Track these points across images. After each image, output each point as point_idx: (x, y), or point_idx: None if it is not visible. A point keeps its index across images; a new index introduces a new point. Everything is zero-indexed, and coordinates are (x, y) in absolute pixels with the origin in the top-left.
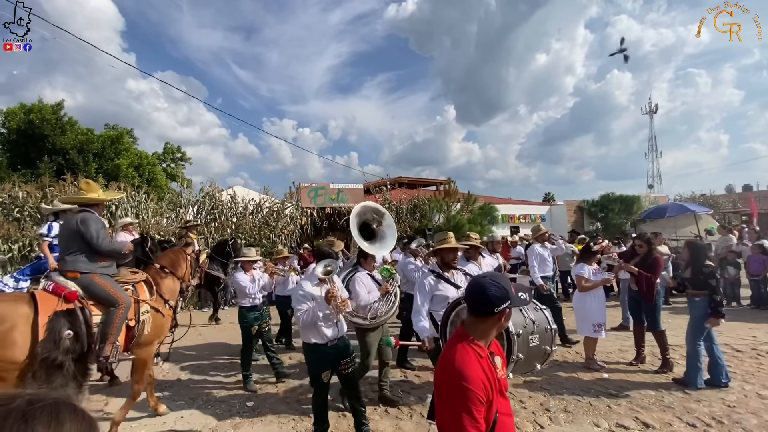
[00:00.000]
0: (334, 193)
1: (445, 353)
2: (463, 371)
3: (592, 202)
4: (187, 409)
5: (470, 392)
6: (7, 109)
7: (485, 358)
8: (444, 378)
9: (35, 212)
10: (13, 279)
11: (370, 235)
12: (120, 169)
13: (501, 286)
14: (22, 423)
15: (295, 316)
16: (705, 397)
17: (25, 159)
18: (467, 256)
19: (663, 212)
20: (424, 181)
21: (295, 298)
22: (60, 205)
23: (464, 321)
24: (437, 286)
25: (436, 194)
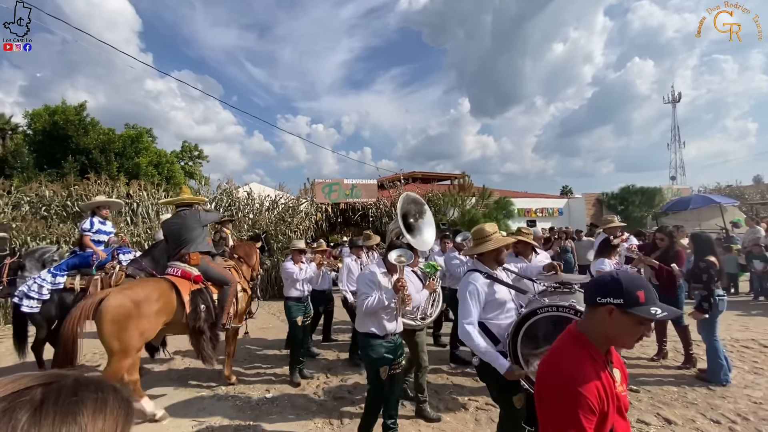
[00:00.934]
0: (348, 189)
1: (552, 353)
2: (573, 373)
3: (612, 194)
4: (208, 399)
5: (581, 398)
6: (33, 111)
7: (600, 363)
8: (549, 380)
9: (61, 210)
10: (50, 274)
11: (408, 228)
12: (140, 167)
13: (621, 278)
14: (72, 396)
15: (358, 301)
16: (730, 394)
17: (51, 159)
18: (516, 251)
19: (686, 204)
20: (438, 175)
21: (362, 282)
22: (96, 200)
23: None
24: (491, 289)
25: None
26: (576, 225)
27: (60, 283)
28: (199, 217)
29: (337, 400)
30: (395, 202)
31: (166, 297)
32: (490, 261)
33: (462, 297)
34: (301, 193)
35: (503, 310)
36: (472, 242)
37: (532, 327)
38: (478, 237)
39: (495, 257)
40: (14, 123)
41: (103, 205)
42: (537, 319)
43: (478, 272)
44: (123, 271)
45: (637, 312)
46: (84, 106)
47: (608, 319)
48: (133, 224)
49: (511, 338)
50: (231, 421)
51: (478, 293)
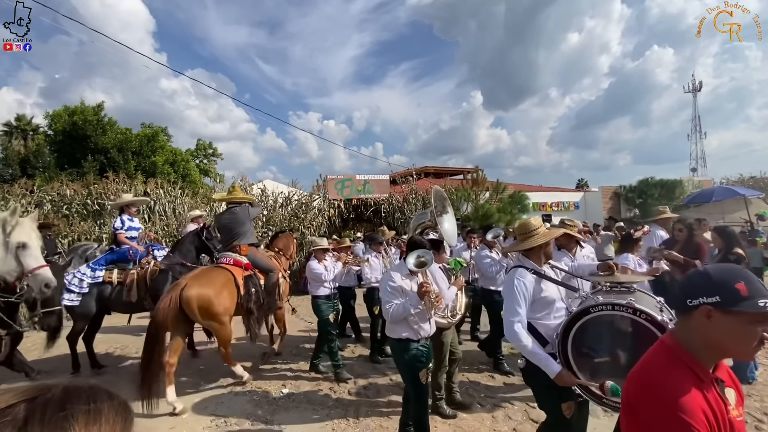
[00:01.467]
0: (360, 185)
1: (644, 369)
2: (674, 396)
3: (630, 187)
4: (226, 395)
5: (686, 428)
6: (53, 112)
7: (708, 382)
8: (644, 404)
9: (82, 209)
10: (90, 269)
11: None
12: (156, 165)
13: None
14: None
15: (383, 309)
16: (756, 392)
17: (71, 158)
18: (559, 244)
19: (709, 196)
20: (450, 170)
21: (383, 289)
22: (124, 199)
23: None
24: (539, 287)
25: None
26: (593, 219)
27: (99, 277)
28: (248, 212)
29: (353, 396)
30: (408, 197)
31: (228, 281)
32: (538, 256)
33: (508, 294)
34: (314, 189)
35: (552, 309)
36: (518, 238)
37: (585, 327)
38: (523, 232)
39: (542, 252)
40: (35, 124)
41: (130, 203)
42: (590, 318)
43: (524, 268)
44: (157, 266)
45: (743, 309)
46: (102, 107)
47: (708, 325)
48: (150, 222)
49: (561, 339)
50: (248, 416)
51: (525, 290)
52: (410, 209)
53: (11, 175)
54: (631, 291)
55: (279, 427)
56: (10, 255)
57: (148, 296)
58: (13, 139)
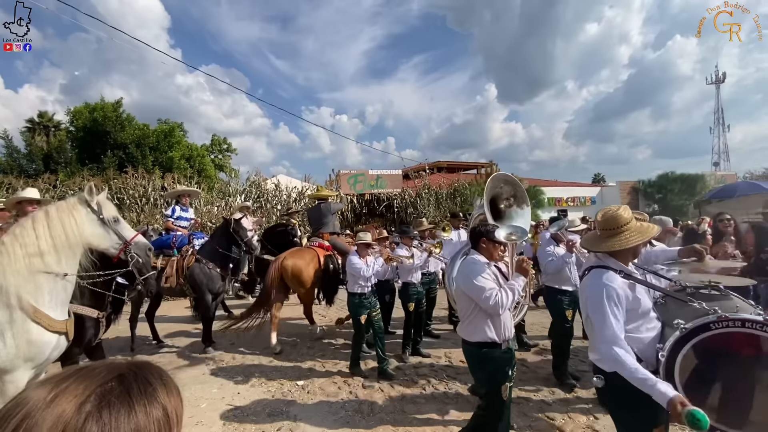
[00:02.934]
0: (373, 179)
1: None
2: None
3: (649, 182)
4: (243, 385)
5: None
6: (74, 109)
7: None
8: None
9: None
10: None
11: (496, 214)
12: (173, 161)
13: None
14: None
15: (484, 300)
16: None
17: (92, 154)
18: None
19: (732, 192)
20: (464, 164)
21: (475, 277)
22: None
23: None
24: (632, 293)
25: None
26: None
27: None
28: (330, 207)
29: (367, 389)
30: (420, 192)
31: (314, 258)
32: (625, 255)
33: (596, 306)
34: (327, 184)
35: (647, 319)
36: (601, 234)
37: (700, 347)
38: (610, 227)
39: (632, 250)
40: (57, 120)
41: (183, 193)
42: (708, 336)
43: (611, 270)
44: (194, 254)
45: None
46: (120, 103)
47: None
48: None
49: (667, 359)
50: (264, 407)
51: (619, 299)
52: (423, 204)
53: (35, 171)
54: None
55: (295, 419)
56: (110, 230)
57: (187, 283)
58: (36, 135)
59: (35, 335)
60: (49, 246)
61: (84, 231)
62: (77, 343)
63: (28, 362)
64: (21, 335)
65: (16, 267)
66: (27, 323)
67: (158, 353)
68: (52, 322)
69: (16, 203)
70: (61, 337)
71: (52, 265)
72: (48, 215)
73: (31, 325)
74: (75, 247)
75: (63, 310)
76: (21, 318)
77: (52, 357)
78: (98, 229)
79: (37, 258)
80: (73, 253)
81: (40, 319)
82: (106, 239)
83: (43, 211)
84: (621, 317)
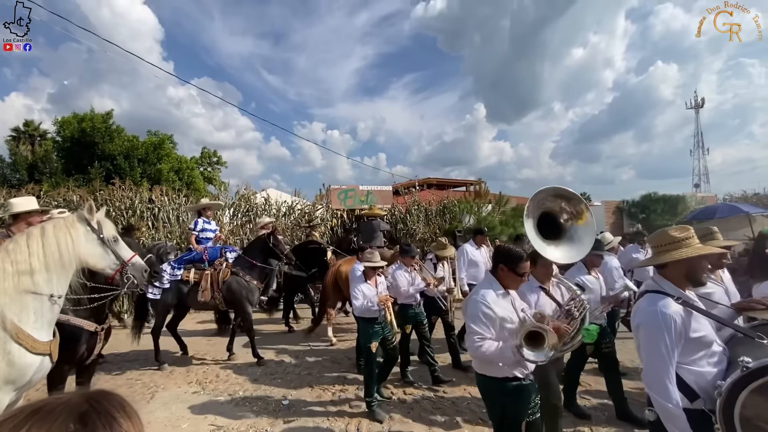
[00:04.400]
0: (363, 195)
1: None
2: None
3: (633, 202)
4: (227, 404)
5: None
6: (62, 119)
7: None
8: None
9: None
10: (170, 267)
11: (553, 231)
12: (162, 173)
13: None
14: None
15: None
16: None
17: (78, 165)
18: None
19: (712, 213)
20: (453, 182)
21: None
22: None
23: None
24: (690, 321)
25: (467, 195)
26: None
27: (178, 275)
28: (379, 225)
29: (354, 408)
30: (410, 208)
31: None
32: (680, 278)
33: (649, 334)
34: (317, 199)
35: (708, 352)
36: (652, 251)
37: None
38: (662, 243)
39: (687, 273)
40: (43, 129)
41: (207, 207)
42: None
43: (666, 295)
44: (229, 267)
45: None
46: (111, 114)
47: None
48: (155, 228)
49: (726, 398)
50: (249, 426)
51: (674, 327)
52: (412, 220)
53: (19, 180)
54: None
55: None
56: (108, 249)
57: (221, 296)
58: (21, 144)
59: (17, 357)
60: (40, 264)
61: (80, 250)
62: (67, 360)
63: (8, 384)
64: (1, 357)
65: (3, 286)
66: (8, 344)
67: (141, 370)
68: (36, 344)
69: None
70: (44, 358)
71: (41, 284)
72: (44, 232)
73: (13, 346)
74: (68, 266)
75: (48, 330)
76: (2, 338)
77: (35, 380)
78: (97, 248)
79: (27, 276)
80: (65, 272)
81: (22, 340)
82: (104, 259)
83: (39, 227)
84: (674, 347)
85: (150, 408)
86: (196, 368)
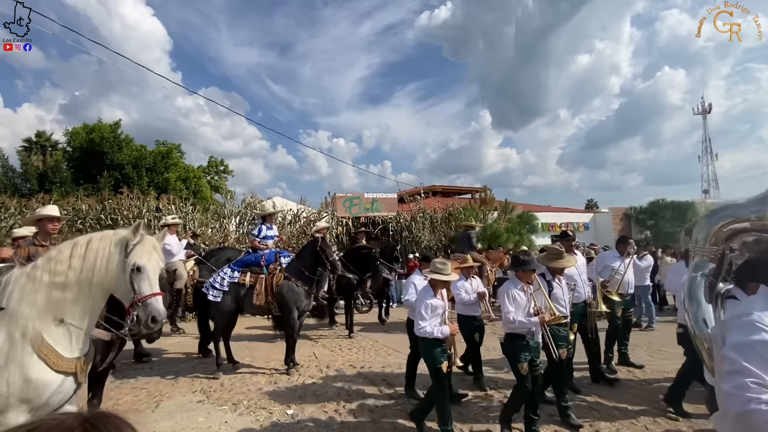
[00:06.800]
0: (368, 203)
1: None
2: None
3: (641, 209)
4: (231, 414)
5: None
6: (72, 129)
7: None
8: None
9: (95, 223)
10: (230, 269)
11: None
12: (169, 182)
13: None
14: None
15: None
16: None
17: (87, 174)
18: None
19: None
20: (459, 189)
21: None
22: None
23: None
24: None
25: (472, 202)
26: (603, 241)
27: (235, 278)
28: (471, 235)
29: (358, 418)
30: (415, 216)
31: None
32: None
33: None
34: (322, 206)
35: None
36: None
37: None
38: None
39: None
40: (54, 140)
41: (271, 214)
42: None
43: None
44: (282, 272)
45: None
46: (119, 124)
47: None
48: None
49: None
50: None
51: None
52: (418, 228)
53: (29, 190)
54: None
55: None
56: (125, 277)
57: (274, 301)
58: (33, 154)
59: (35, 373)
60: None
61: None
62: None
63: (23, 404)
64: (18, 371)
65: (35, 298)
66: (28, 357)
67: (146, 378)
68: (59, 360)
69: (36, 220)
70: (67, 379)
71: (68, 300)
72: (89, 244)
73: (33, 360)
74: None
75: (79, 345)
76: (21, 351)
77: (53, 403)
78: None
79: (58, 291)
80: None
81: (45, 354)
82: (121, 286)
83: (86, 238)
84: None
85: (154, 417)
86: (201, 377)
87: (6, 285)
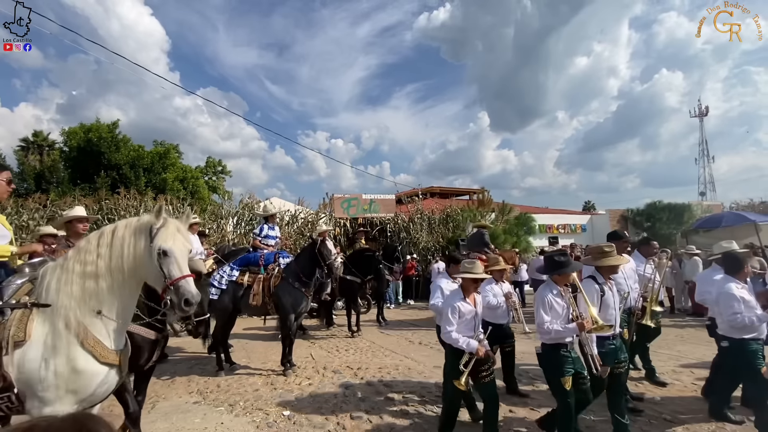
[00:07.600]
0: (366, 204)
1: None
2: None
3: (638, 210)
4: (227, 415)
5: None
6: (69, 129)
7: None
8: None
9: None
10: (230, 268)
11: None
12: (167, 182)
13: None
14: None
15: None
16: None
17: (84, 174)
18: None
19: (718, 222)
20: (457, 190)
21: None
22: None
23: None
24: None
25: (470, 204)
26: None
27: (234, 276)
28: (484, 233)
29: (355, 420)
30: (413, 217)
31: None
32: None
33: None
34: (321, 207)
35: None
36: None
37: None
38: None
39: None
40: (51, 140)
41: (274, 215)
42: None
43: None
44: (281, 273)
45: None
46: (117, 124)
47: None
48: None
49: None
50: None
51: None
52: (415, 229)
53: (26, 190)
54: None
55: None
56: (153, 262)
57: (271, 301)
58: (30, 154)
59: (83, 363)
60: (105, 268)
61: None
62: (131, 368)
63: (70, 394)
64: (65, 363)
65: (70, 288)
66: (74, 348)
67: None
68: (105, 352)
69: (65, 222)
70: (111, 370)
71: (104, 290)
72: (114, 232)
73: (79, 352)
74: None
75: (119, 338)
76: (66, 342)
77: (98, 394)
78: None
79: (92, 281)
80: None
81: (92, 346)
82: (151, 272)
83: (111, 227)
84: None
85: (150, 418)
86: (197, 378)
87: (42, 278)
